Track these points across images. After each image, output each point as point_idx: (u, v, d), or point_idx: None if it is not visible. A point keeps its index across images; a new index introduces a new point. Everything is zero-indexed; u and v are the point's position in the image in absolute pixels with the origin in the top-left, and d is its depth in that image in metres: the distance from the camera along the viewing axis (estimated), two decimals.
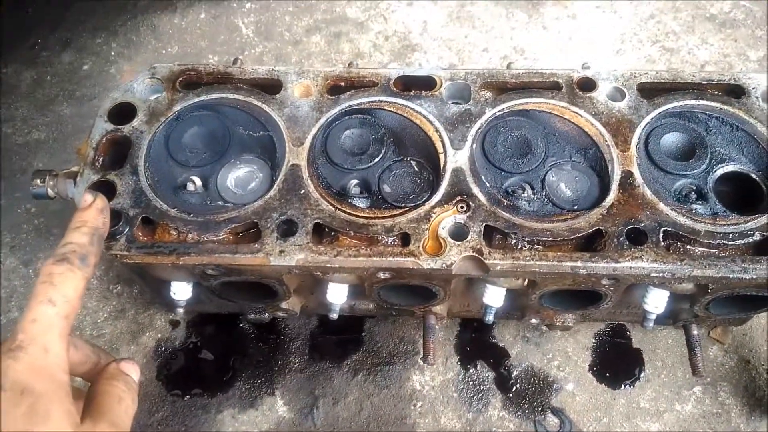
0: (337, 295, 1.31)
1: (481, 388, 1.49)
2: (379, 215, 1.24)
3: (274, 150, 1.31)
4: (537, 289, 1.28)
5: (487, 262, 1.19)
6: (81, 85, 2.04)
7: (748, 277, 1.17)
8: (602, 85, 1.36)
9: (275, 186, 1.26)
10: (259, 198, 1.25)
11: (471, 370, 1.51)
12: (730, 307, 1.33)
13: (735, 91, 1.37)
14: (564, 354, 1.53)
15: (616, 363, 1.51)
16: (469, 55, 2.04)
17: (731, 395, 1.47)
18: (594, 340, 1.54)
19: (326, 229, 1.24)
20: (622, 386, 1.48)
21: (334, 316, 1.35)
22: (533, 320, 1.45)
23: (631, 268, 1.18)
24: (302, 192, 1.25)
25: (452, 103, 1.36)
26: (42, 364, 0.83)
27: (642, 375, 1.50)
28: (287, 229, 1.22)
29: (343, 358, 1.53)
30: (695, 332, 1.41)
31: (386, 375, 1.51)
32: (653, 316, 1.32)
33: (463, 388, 1.49)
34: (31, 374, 0.82)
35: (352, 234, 1.23)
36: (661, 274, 1.18)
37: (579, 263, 1.18)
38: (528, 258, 1.20)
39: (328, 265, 1.20)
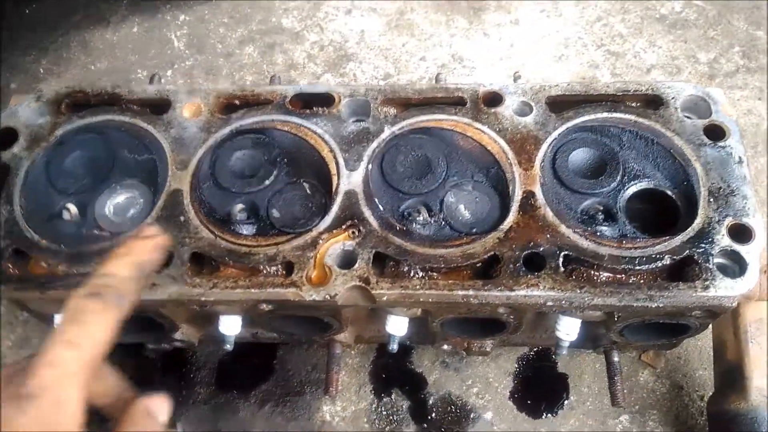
0: (230, 326, 1.23)
1: (395, 418, 1.41)
2: (263, 243, 1.17)
3: (158, 174, 1.24)
4: (435, 318, 1.20)
5: (373, 292, 1.11)
6: (6, 104, 1.98)
7: (653, 306, 1.08)
8: (509, 99, 1.28)
9: (153, 213, 1.19)
10: (135, 226, 1.18)
11: (385, 399, 1.43)
12: (647, 334, 1.25)
13: (654, 102, 1.28)
14: (484, 380, 1.44)
15: (539, 389, 1.43)
16: (405, 65, 1.96)
17: (661, 424, 1.38)
18: (516, 365, 1.46)
19: (207, 259, 1.17)
20: (544, 415, 1.39)
21: (229, 347, 1.27)
22: (445, 347, 1.37)
23: (525, 296, 1.09)
24: (181, 219, 1.18)
25: (352, 122, 1.29)
26: (52, 422, 0.70)
27: (566, 402, 1.41)
28: (164, 259, 1.15)
29: (252, 388, 1.45)
30: (616, 359, 1.32)
31: (295, 406, 1.43)
32: (566, 344, 1.23)
33: (375, 419, 1.41)
34: None
35: (232, 264, 1.15)
36: (558, 303, 1.10)
37: (471, 292, 1.10)
38: (417, 287, 1.12)
39: (203, 299, 1.12)
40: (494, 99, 1.28)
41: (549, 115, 1.26)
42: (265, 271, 1.15)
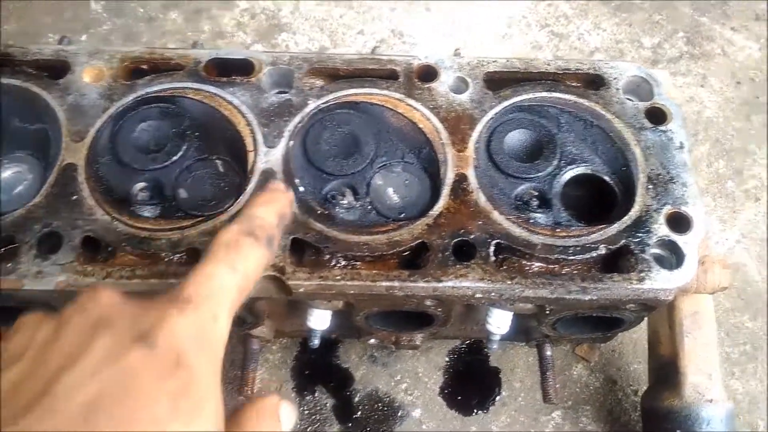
0: None
1: (317, 417, 1.32)
2: (166, 227, 1.04)
3: (50, 146, 1.10)
4: (359, 311, 1.11)
5: (289, 283, 1.01)
6: None
7: (587, 299, 1.02)
8: (444, 74, 1.18)
9: (42, 191, 1.05)
10: (21, 205, 1.04)
11: (308, 397, 1.34)
12: (580, 327, 1.19)
13: (595, 82, 1.21)
14: (414, 375, 1.37)
15: (471, 384, 1.36)
16: (342, 38, 1.85)
17: (594, 420, 1.33)
18: (447, 359, 1.38)
19: (102, 245, 1.04)
20: (474, 412, 1.33)
21: None
22: (371, 341, 1.28)
23: (453, 287, 1.01)
24: (74, 198, 1.04)
25: (274, 93, 1.17)
26: (209, 332, 0.64)
27: (497, 398, 1.35)
28: (53, 245, 1.02)
29: None
30: (549, 353, 1.26)
31: None
32: (497, 337, 1.16)
33: (296, 419, 1.31)
34: (194, 341, 0.61)
35: (130, 250, 1.03)
36: (487, 295, 1.02)
37: (396, 283, 1.01)
38: (338, 277, 1.02)
39: None
40: (429, 73, 1.19)
41: (486, 92, 1.17)
42: (167, 259, 1.03)
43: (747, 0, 1.96)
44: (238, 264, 0.71)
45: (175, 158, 1.12)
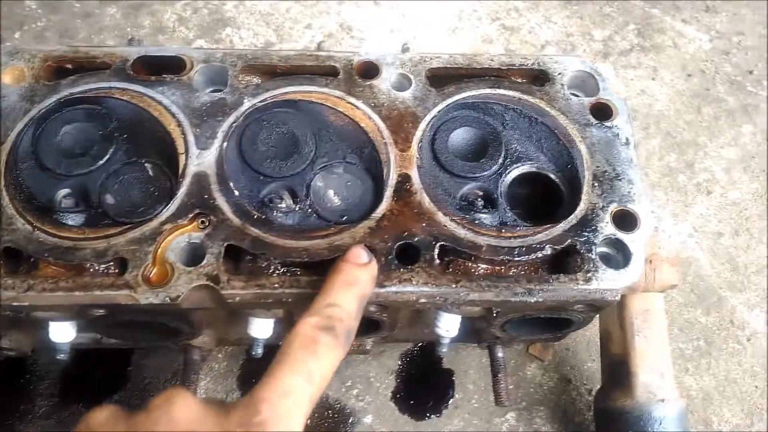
0: (62, 333, 1.05)
1: None
2: (91, 235, 0.98)
3: None
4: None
5: (223, 292, 0.96)
6: None
7: (533, 301, 0.99)
8: (386, 71, 1.14)
9: None
10: None
11: None
12: (530, 328, 1.17)
13: (540, 78, 1.18)
14: (365, 380, 1.33)
15: (423, 388, 1.33)
16: (289, 32, 1.79)
17: (548, 421, 1.31)
18: (400, 362, 1.35)
19: (23, 256, 0.98)
20: (427, 416, 1.30)
21: (62, 356, 1.09)
22: None
23: (396, 293, 0.97)
24: None
25: (207, 92, 1.12)
26: None
27: (451, 401, 1.32)
28: None
29: (102, 399, 1.27)
30: (500, 355, 1.23)
31: None
32: (446, 341, 1.13)
33: None
34: None
35: (53, 261, 0.97)
36: (431, 300, 0.99)
37: None
38: (276, 285, 0.97)
39: (16, 304, 0.94)
40: (370, 70, 1.15)
41: (429, 90, 1.13)
42: (92, 270, 0.97)
43: None
44: (314, 370, 0.71)
45: (101, 162, 1.05)
